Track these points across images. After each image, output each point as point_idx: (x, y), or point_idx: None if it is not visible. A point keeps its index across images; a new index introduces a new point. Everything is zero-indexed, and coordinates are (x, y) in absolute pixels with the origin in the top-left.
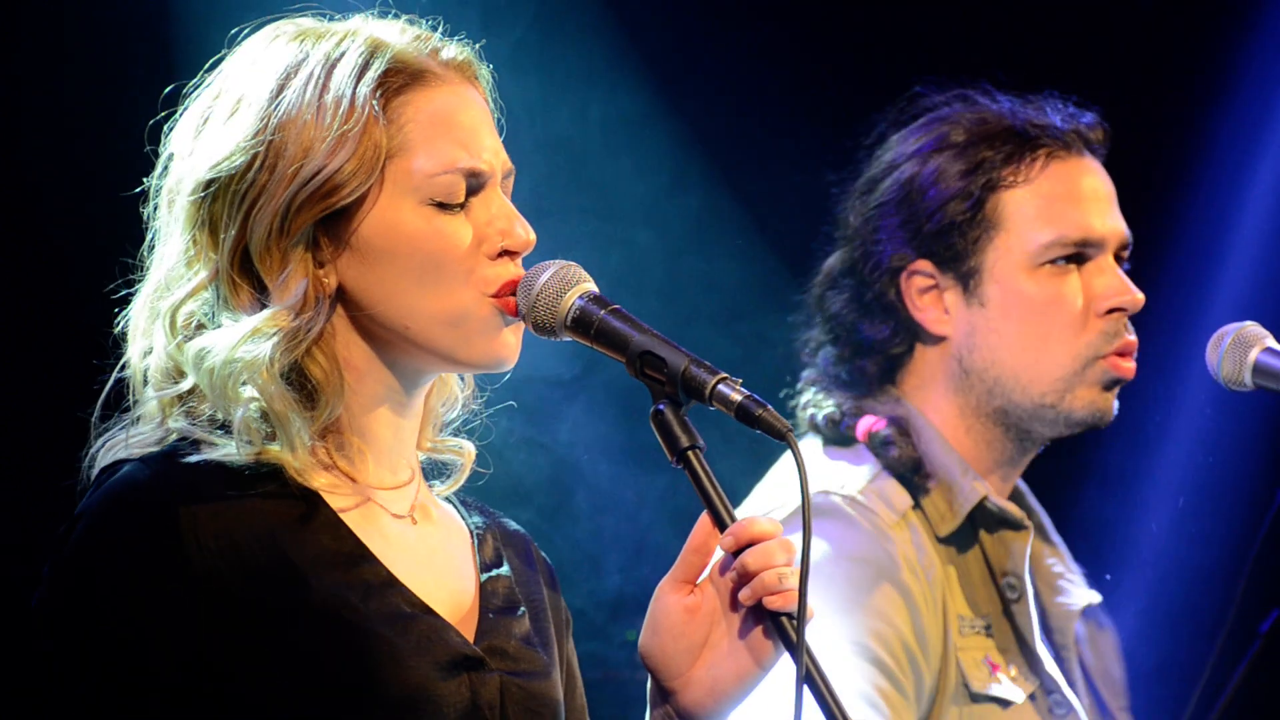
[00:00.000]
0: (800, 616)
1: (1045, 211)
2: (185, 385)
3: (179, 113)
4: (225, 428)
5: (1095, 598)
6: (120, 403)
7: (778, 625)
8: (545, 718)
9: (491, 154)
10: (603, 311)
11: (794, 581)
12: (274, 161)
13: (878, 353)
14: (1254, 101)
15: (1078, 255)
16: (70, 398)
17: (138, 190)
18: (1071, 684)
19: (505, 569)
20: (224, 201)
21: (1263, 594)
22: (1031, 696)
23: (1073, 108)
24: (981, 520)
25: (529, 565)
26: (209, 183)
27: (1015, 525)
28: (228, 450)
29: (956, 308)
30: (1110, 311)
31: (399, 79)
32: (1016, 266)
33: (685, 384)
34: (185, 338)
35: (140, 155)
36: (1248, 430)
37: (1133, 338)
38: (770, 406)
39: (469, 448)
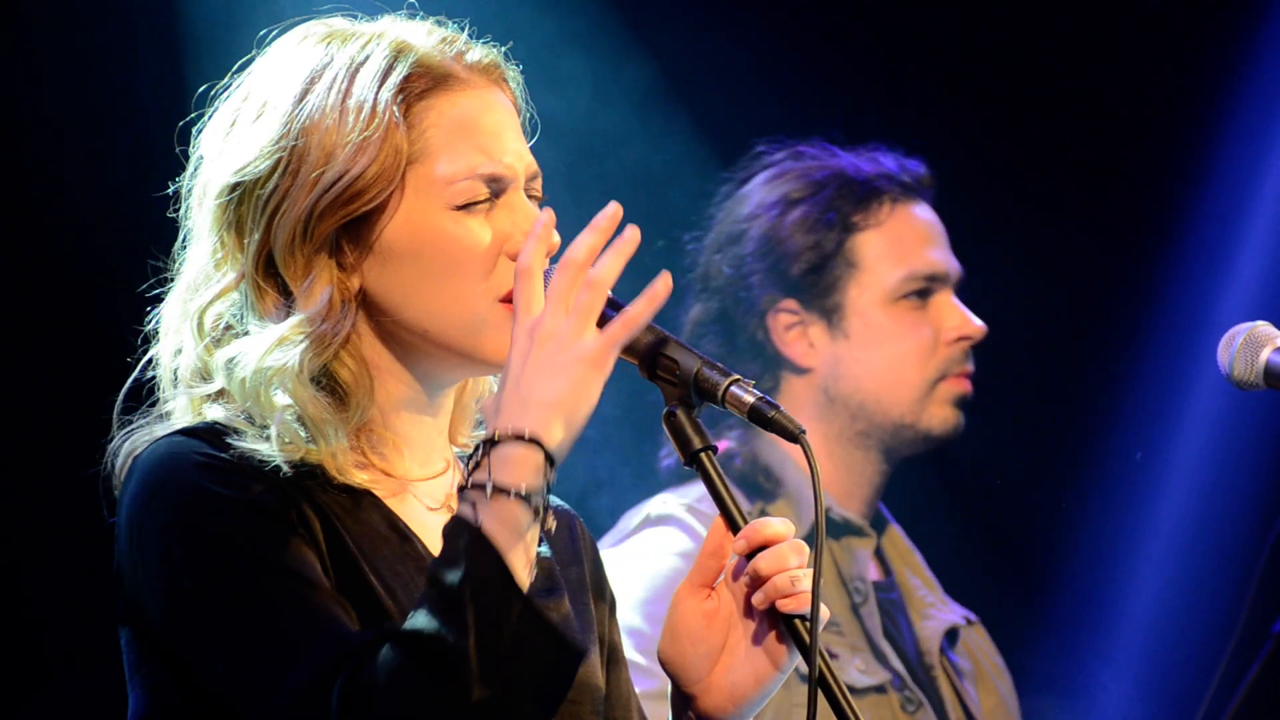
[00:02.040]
0: (814, 618)
1: (896, 251)
2: (215, 386)
3: (209, 114)
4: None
5: (959, 622)
6: (146, 401)
7: (791, 628)
8: (583, 701)
9: (514, 157)
10: (614, 314)
11: (807, 584)
12: (297, 167)
13: None
14: (1264, 101)
15: (925, 290)
16: (100, 397)
17: (170, 190)
18: (937, 697)
19: (545, 549)
20: (248, 206)
21: (1275, 593)
22: (880, 688)
23: (902, 157)
24: (829, 529)
25: (573, 544)
26: (234, 186)
27: (859, 533)
28: (265, 447)
29: (821, 341)
30: (957, 340)
31: (422, 83)
32: (874, 302)
33: (698, 386)
34: (213, 339)
35: (171, 156)
36: (1259, 429)
37: (970, 365)
38: (782, 408)
39: None
